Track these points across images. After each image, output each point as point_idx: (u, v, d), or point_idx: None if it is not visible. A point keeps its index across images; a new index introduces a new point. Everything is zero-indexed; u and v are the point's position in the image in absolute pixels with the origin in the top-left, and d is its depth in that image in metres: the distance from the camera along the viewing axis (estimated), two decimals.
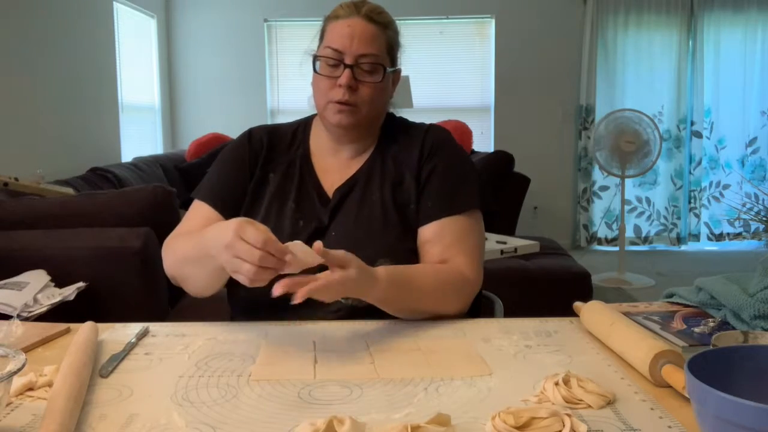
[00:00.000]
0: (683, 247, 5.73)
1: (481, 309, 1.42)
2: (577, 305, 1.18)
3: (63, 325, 1.15)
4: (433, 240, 1.28)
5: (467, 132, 4.69)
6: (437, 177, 1.32)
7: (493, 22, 5.66)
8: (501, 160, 4.09)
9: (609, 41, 5.59)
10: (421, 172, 1.33)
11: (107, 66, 4.67)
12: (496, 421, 0.75)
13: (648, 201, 5.73)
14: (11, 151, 3.52)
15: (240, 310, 1.31)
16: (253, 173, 1.36)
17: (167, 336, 1.12)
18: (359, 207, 1.31)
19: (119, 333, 1.14)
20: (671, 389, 0.85)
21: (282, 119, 1.50)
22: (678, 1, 5.51)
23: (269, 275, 0.98)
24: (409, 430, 0.71)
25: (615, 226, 5.64)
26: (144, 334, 1.13)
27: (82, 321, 1.11)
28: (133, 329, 1.15)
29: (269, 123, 1.48)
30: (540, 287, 2.84)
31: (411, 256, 1.29)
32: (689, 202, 5.70)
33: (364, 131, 1.35)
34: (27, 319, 1.67)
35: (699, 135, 5.62)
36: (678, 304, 1.24)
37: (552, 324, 1.17)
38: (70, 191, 3.06)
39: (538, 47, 5.62)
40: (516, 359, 1.00)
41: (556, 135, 5.71)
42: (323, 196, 1.33)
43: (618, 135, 4.67)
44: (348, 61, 1.27)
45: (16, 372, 0.73)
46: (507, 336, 1.10)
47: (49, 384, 0.88)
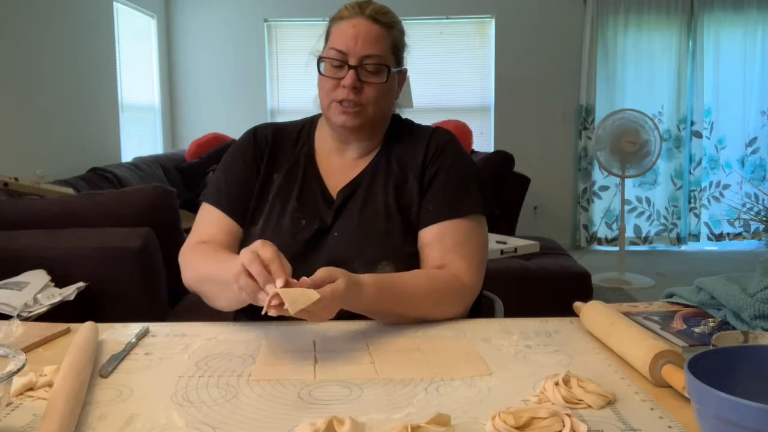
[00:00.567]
0: (683, 247, 5.73)
1: (481, 309, 1.42)
2: (577, 305, 1.18)
3: (63, 325, 1.15)
4: (433, 243, 1.28)
5: (467, 132, 4.69)
6: (440, 180, 1.32)
7: (493, 22, 5.66)
8: (501, 160, 4.09)
9: (609, 41, 5.59)
10: (425, 174, 1.33)
11: (107, 66, 4.67)
12: (496, 421, 0.75)
13: (648, 201, 5.72)
14: (11, 151, 3.52)
15: (242, 309, 1.31)
16: (259, 172, 1.36)
17: (167, 336, 1.12)
18: (362, 208, 1.31)
19: (119, 333, 1.14)
20: (671, 389, 0.85)
21: (282, 119, 1.50)
22: (678, 1, 5.51)
23: (248, 282, 1.00)
24: (409, 430, 0.71)
25: (615, 226, 5.64)
26: (144, 334, 1.13)
27: (82, 321, 1.11)
28: (133, 329, 1.15)
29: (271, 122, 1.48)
30: (540, 287, 2.84)
31: (413, 259, 1.29)
32: (689, 202, 5.70)
33: (369, 132, 1.35)
34: (27, 319, 1.67)
35: (699, 135, 5.62)
36: (678, 304, 1.24)
37: (552, 324, 1.17)
38: (70, 191, 3.06)
39: (538, 47, 5.62)
40: (516, 359, 1.00)
41: (556, 135, 5.71)
42: (327, 196, 1.33)
43: (619, 135, 4.67)
44: (352, 62, 1.27)
45: (16, 372, 0.73)
46: (507, 336, 1.10)
47: (49, 384, 0.87)
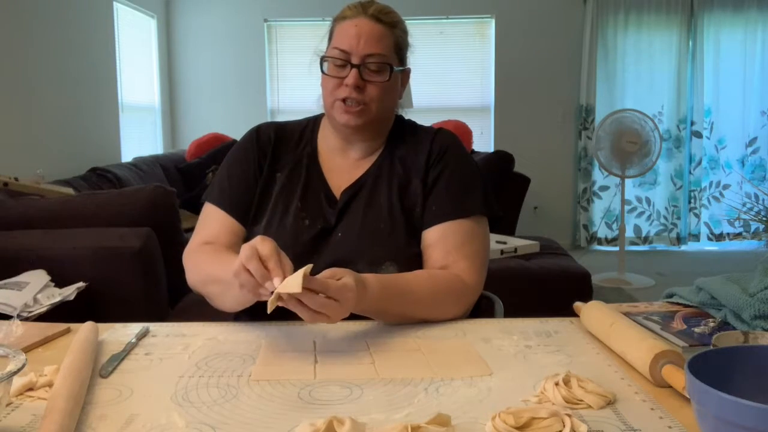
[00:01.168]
0: (683, 247, 5.73)
1: (481, 309, 1.42)
2: (577, 305, 1.18)
3: (63, 325, 1.15)
4: (436, 243, 1.28)
5: (467, 132, 4.69)
6: (443, 181, 1.32)
7: (493, 22, 5.66)
8: (501, 160, 4.09)
9: (609, 41, 5.59)
10: (428, 175, 1.33)
11: (107, 66, 4.67)
12: (496, 422, 0.74)
13: (648, 201, 5.72)
14: (11, 151, 3.52)
15: (243, 309, 1.31)
16: (262, 171, 1.36)
17: (167, 336, 1.12)
18: (366, 209, 1.31)
19: (119, 333, 1.14)
20: (671, 389, 0.85)
21: (282, 119, 1.50)
22: (678, 1, 5.51)
23: (248, 279, 1.00)
24: (410, 430, 0.71)
25: (615, 226, 5.64)
26: (144, 334, 1.13)
27: (82, 321, 1.11)
28: (133, 329, 1.15)
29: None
30: (540, 287, 2.84)
31: (417, 260, 1.29)
32: (689, 202, 5.70)
33: (372, 131, 1.35)
34: (27, 319, 1.67)
35: (699, 135, 5.62)
36: (678, 304, 1.24)
37: (552, 324, 1.17)
38: (70, 191, 3.06)
39: (538, 47, 5.62)
40: (516, 359, 1.00)
41: (556, 135, 5.71)
42: (330, 196, 1.33)
43: (619, 135, 4.67)
44: (355, 61, 1.27)
45: (16, 372, 0.73)
46: (507, 336, 1.10)
47: (49, 384, 0.87)
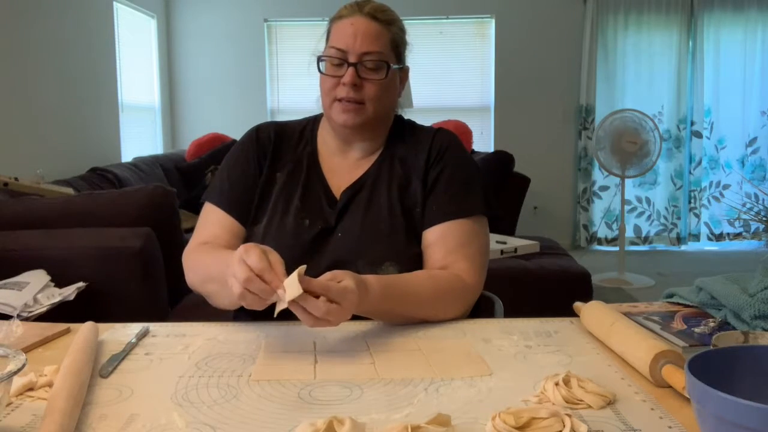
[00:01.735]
0: (683, 247, 5.73)
1: (481, 309, 1.42)
2: (577, 305, 1.18)
3: (63, 325, 1.15)
4: (437, 243, 1.28)
5: (467, 132, 4.69)
6: (444, 181, 1.32)
7: (493, 22, 5.66)
8: (501, 160, 4.09)
9: (609, 41, 5.59)
10: (428, 175, 1.33)
11: (107, 66, 4.67)
12: (496, 422, 0.74)
13: (648, 201, 5.73)
14: (11, 151, 3.52)
15: (242, 309, 1.31)
16: (262, 170, 1.36)
17: (167, 336, 1.12)
18: (366, 209, 1.31)
19: (119, 333, 1.14)
20: (671, 389, 0.85)
21: (282, 119, 1.49)
22: (678, 1, 5.51)
23: (254, 299, 0.99)
24: (410, 430, 0.71)
25: (615, 226, 5.64)
26: (144, 334, 1.13)
27: (82, 321, 1.11)
28: (133, 329, 1.15)
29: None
30: (540, 287, 2.84)
31: (417, 260, 1.29)
32: (689, 202, 5.70)
33: (371, 131, 1.34)
34: (27, 319, 1.67)
35: (699, 135, 5.62)
36: (678, 304, 1.24)
37: (552, 324, 1.17)
38: (70, 191, 3.06)
39: (538, 47, 5.62)
40: (516, 359, 1.00)
41: (556, 135, 5.71)
42: (330, 196, 1.33)
43: (619, 135, 4.67)
44: (352, 60, 1.27)
45: (16, 372, 0.73)
46: (507, 336, 1.10)
47: (49, 384, 0.87)
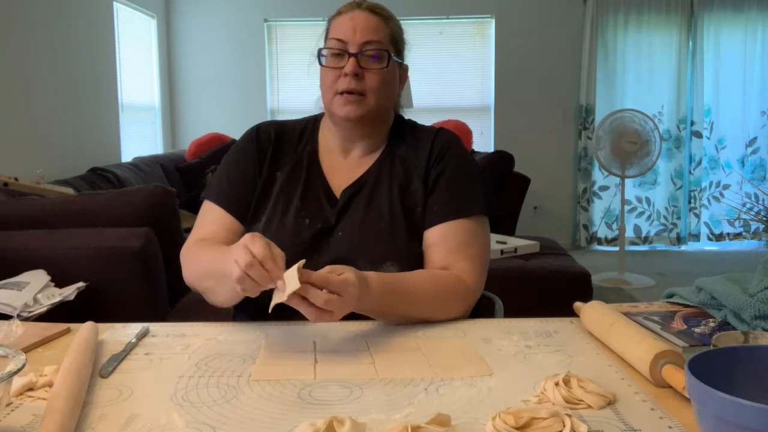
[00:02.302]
0: (683, 247, 5.73)
1: (481, 309, 1.42)
2: (577, 305, 1.18)
3: (63, 325, 1.15)
4: (438, 244, 1.28)
5: (467, 132, 4.69)
6: (445, 181, 1.32)
7: (493, 22, 5.66)
8: (501, 160, 4.09)
9: (609, 41, 5.59)
10: (429, 175, 1.33)
11: (107, 66, 4.67)
12: (496, 422, 0.74)
13: (648, 201, 5.73)
14: (11, 151, 3.52)
15: (242, 309, 1.31)
16: (262, 170, 1.36)
17: (167, 336, 1.12)
18: (367, 208, 1.31)
19: (119, 333, 1.14)
20: (671, 389, 0.85)
21: (282, 119, 1.50)
22: (678, 1, 5.51)
23: (251, 284, 0.99)
24: (410, 430, 0.71)
25: (615, 226, 5.64)
26: (144, 334, 1.13)
27: (82, 321, 1.11)
28: (133, 329, 1.15)
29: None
30: (540, 287, 2.84)
31: (418, 260, 1.29)
32: (689, 202, 5.70)
33: (372, 126, 1.34)
34: (27, 319, 1.67)
35: (699, 135, 5.62)
36: (678, 304, 1.24)
37: (552, 324, 1.17)
38: (70, 191, 3.06)
39: (538, 47, 5.62)
40: (516, 359, 1.00)
41: (556, 135, 5.71)
42: (330, 195, 1.33)
43: (619, 135, 4.68)
44: (352, 50, 1.27)
45: (16, 372, 0.73)
46: (507, 336, 1.10)
47: (49, 384, 0.87)
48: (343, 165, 1.37)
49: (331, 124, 1.36)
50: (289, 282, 0.96)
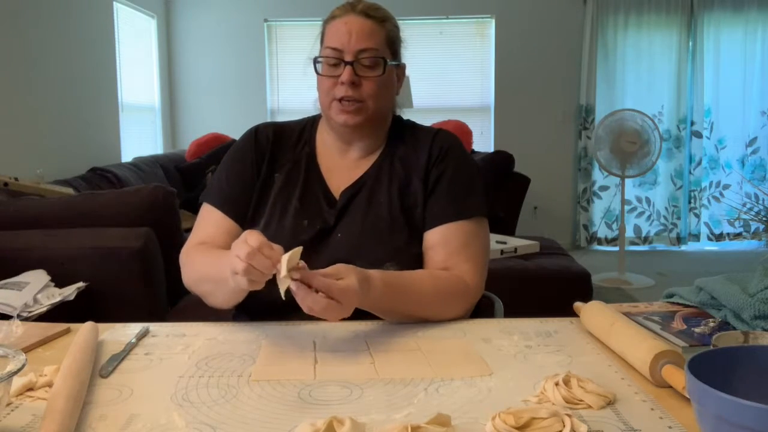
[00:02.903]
0: (683, 247, 5.73)
1: (481, 309, 1.42)
2: (578, 305, 1.18)
3: (63, 325, 1.15)
4: (438, 245, 1.28)
5: (467, 132, 4.69)
6: (445, 182, 1.31)
7: (493, 22, 5.66)
8: (501, 160, 4.09)
9: (609, 41, 5.59)
10: (429, 176, 1.33)
11: (107, 66, 4.67)
12: (496, 422, 0.74)
13: (648, 201, 5.73)
14: (11, 151, 3.52)
15: (242, 309, 1.31)
16: (260, 171, 1.35)
17: (167, 336, 1.12)
18: (366, 209, 1.30)
19: (119, 333, 1.14)
20: (671, 389, 0.85)
21: (282, 119, 1.49)
22: (678, 1, 5.51)
23: (257, 274, 0.99)
24: (410, 430, 0.71)
25: (615, 226, 5.64)
26: (144, 334, 1.13)
27: (82, 321, 1.11)
28: (133, 329, 1.15)
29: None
30: (540, 287, 2.84)
31: (417, 260, 1.29)
32: (689, 202, 5.70)
33: (371, 130, 1.34)
34: (27, 319, 1.67)
35: (699, 135, 5.62)
36: (678, 304, 1.24)
37: (552, 324, 1.17)
38: (70, 191, 3.06)
39: (538, 47, 5.62)
40: (516, 359, 1.00)
41: (556, 135, 5.71)
42: (329, 197, 1.33)
43: (619, 135, 4.68)
44: (348, 58, 1.27)
45: (16, 372, 0.73)
46: (507, 336, 1.10)
47: (49, 384, 0.87)
48: (342, 166, 1.36)
49: (329, 127, 1.36)
50: (289, 263, 0.97)
